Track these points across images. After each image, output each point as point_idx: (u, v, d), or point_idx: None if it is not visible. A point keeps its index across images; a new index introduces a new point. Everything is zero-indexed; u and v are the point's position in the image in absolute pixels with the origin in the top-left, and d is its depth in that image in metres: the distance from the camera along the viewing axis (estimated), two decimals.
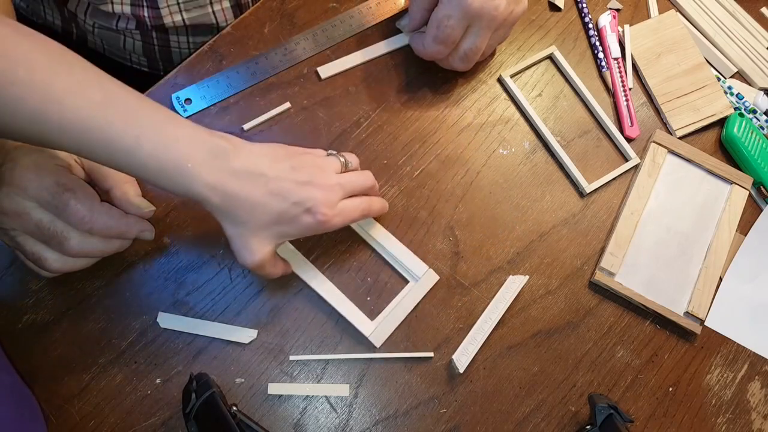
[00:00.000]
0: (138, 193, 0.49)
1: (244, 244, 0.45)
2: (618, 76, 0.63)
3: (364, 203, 0.49)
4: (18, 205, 0.43)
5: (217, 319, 0.51)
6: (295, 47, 0.59)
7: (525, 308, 0.55)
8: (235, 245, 0.45)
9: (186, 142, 0.41)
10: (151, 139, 0.40)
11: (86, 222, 0.44)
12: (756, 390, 0.56)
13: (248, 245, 0.45)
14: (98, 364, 0.49)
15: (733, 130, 0.61)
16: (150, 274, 0.51)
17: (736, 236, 0.59)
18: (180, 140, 0.41)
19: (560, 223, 0.58)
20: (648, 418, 0.53)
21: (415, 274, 0.53)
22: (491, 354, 0.53)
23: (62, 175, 0.44)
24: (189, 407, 0.44)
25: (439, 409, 0.51)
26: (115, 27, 0.66)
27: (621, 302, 0.56)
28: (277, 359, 0.50)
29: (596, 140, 0.61)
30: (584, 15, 0.66)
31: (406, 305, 0.52)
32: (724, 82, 0.65)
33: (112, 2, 0.62)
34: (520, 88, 0.62)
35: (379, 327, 0.51)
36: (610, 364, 0.54)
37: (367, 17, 0.62)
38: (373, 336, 0.51)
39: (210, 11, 0.65)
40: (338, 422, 0.50)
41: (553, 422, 0.52)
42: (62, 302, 0.50)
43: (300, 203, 0.44)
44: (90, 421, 0.47)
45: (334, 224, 0.46)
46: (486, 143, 0.59)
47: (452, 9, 0.52)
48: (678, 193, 0.60)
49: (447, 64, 0.58)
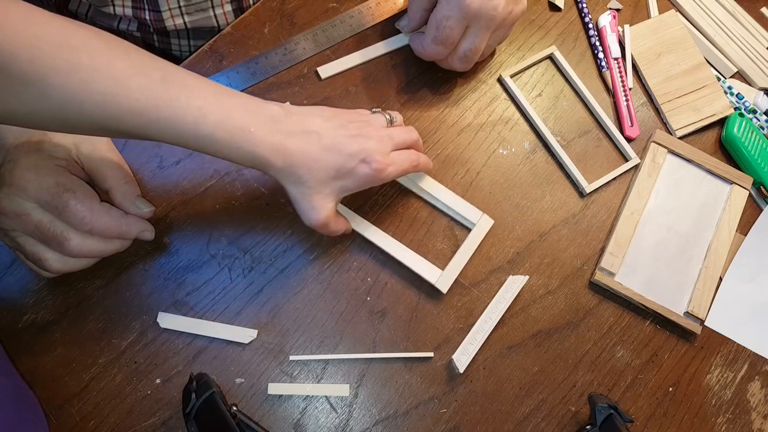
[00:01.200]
0: (138, 194, 0.49)
1: (308, 203, 0.46)
2: (618, 76, 0.63)
3: (413, 155, 0.50)
4: (18, 205, 0.43)
5: (217, 319, 0.51)
6: (295, 47, 0.59)
7: (525, 308, 0.55)
8: (300, 206, 0.47)
9: (244, 109, 0.43)
10: (213, 111, 0.41)
11: (86, 222, 0.44)
12: (756, 390, 0.55)
13: (312, 203, 0.46)
14: (98, 364, 0.49)
15: (733, 130, 0.61)
16: (150, 274, 0.51)
17: (736, 236, 0.59)
18: (239, 108, 0.43)
19: (560, 223, 0.58)
20: (648, 418, 0.53)
21: (470, 221, 0.55)
22: (491, 354, 0.53)
23: (62, 175, 0.44)
24: (189, 407, 0.44)
25: (439, 409, 0.51)
26: (117, 28, 0.66)
27: (621, 302, 0.56)
28: (277, 359, 0.50)
29: (596, 140, 0.61)
30: (584, 15, 0.66)
31: (465, 251, 0.54)
32: (724, 82, 0.65)
33: (113, 4, 0.62)
34: (520, 88, 0.62)
35: (444, 274, 0.53)
36: (610, 364, 0.54)
37: (366, 17, 0.62)
38: (439, 282, 0.52)
39: (212, 14, 0.65)
40: (338, 422, 0.50)
41: (553, 422, 0.52)
42: (62, 302, 0.50)
43: (355, 155, 0.46)
44: (90, 421, 0.47)
45: (389, 173, 0.48)
46: (486, 143, 0.59)
47: (451, 9, 0.52)
48: (678, 193, 0.60)
49: (447, 65, 0.58)
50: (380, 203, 0.56)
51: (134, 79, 0.38)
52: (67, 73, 0.36)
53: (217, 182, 0.55)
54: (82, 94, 0.37)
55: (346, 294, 0.53)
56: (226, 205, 0.54)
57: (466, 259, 0.54)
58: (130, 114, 0.39)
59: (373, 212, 0.55)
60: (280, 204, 0.55)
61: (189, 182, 0.54)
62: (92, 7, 0.65)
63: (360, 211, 0.55)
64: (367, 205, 0.55)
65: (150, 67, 0.40)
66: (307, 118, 0.46)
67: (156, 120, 0.39)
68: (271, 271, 0.53)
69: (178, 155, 0.55)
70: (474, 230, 0.55)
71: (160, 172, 0.54)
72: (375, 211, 0.55)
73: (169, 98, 0.39)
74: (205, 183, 0.54)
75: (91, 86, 0.37)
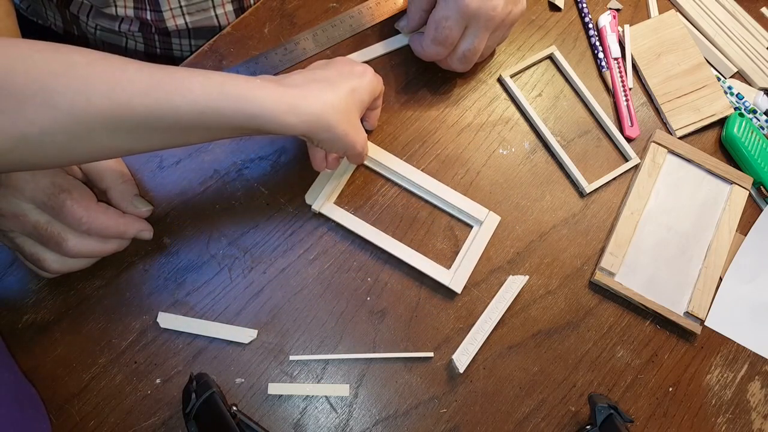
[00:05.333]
0: (135, 193, 0.49)
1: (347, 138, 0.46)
2: (618, 76, 0.63)
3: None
4: (15, 206, 0.43)
5: (217, 319, 0.51)
6: (295, 47, 0.59)
7: (525, 308, 0.55)
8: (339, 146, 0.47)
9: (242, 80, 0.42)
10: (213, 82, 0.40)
11: (83, 223, 0.44)
12: (756, 390, 0.55)
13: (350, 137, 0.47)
14: (98, 364, 0.49)
15: (733, 130, 0.61)
16: (150, 274, 0.51)
17: (736, 236, 0.59)
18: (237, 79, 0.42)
19: (560, 223, 0.58)
20: (648, 418, 0.53)
21: (476, 219, 0.55)
22: (491, 354, 0.53)
23: (58, 175, 0.44)
24: (189, 407, 0.44)
25: (439, 409, 0.51)
26: (118, 29, 0.66)
27: (621, 302, 0.56)
28: (277, 359, 0.50)
29: (596, 140, 0.61)
30: (584, 15, 0.66)
31: (475, 250, 0.54)
32: (724, 82, 0.65)
33: (115, 5, 0.62)
34: (520, 88, 0.62)
35: (456, 274, 0.53)
36: (610, 364, 0.54)
37: (366, 17, 0.62)
38: (452, 283, 0.53)
39: (213, 14, 0.65)
40: (338, 422, 0.50)
41: (553, 422, 0.52)
42: (62, 302, 0.50)
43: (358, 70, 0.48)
44: (90, 421, 0.47)
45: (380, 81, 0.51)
46: (486, 143, 0.59)
47: (450, 10, 0.52)
48: (678, 193, 0.60)
49: (446, 65, 0.58)
50: (380, 203, 0.56)
51: (130, 65, 0.38)
52: (66, 74, 0.36)
53: (217, 182, 0.55)
54: (86, 89, 0.36)
55: (346, 294, 0.53)
56: (226, 205, 0.54)
57: (476, 259, 0.54)
58: (138, 94, 0.38)
59: (373, 212, 0.55)
60: (280, 204, 0.55)
61: (189, 182, 0.54)
62: (93, 8, 0.65)
63: (360, 211, 0.55)
64: (367, 205, 0.55)
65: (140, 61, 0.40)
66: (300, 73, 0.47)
67: (164, 94, 0.38)
68: (271, 271, 0.53)
69: (178, 155, 0.55)
70: (482, 228, 0.55)
71: (160, 172, 0.54)
72: (375, 211, 0.55)
73: (168, 73, 0.39)
74: (205, 183, 0.54)
75: (92, 78, 0.36)
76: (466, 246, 0.55)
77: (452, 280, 0.53)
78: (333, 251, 0.54)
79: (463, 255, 0.54)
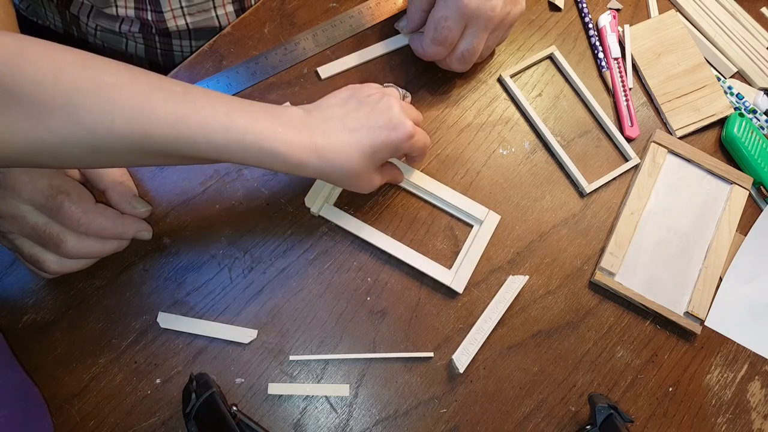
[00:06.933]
0: (134, 193, 0.49)
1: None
2: (618, 76, 0.63)
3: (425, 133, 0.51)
4: (13, 208, 0.43)
5: (217, 319, 0.51)
6: (295, 47, 0.59)
7: (525, 308, 0.55)
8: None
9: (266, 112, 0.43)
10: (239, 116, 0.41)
11: (81, 224, 0.44)
12: (756, 390, 0.55)
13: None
14: (98, 364, 0.49)
15: (733, 130, 0.61)
16: (150, 274, 0.52)
17: (736, 236, 0.59)
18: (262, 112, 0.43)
19: (560, 223, 0.58)
20: (648, 418, 0.53)
21: (476, 218, 0.55)
22: (491, 354, 0.53)
23: (56, 177, 0.44)
24: (189, 407, 0.44)
25: (439, 409, 0.51)
26: (119, 30, 0.66)
27: (621, 302, 0.56)
28: (277, 359, 0.50)
29: (596, 140, 0.61)
30: (584, 15, 0.66)
31: (476, 249, 0.54)
32: (724, 82, 0.65)
33: (116, 5, 0.62)
34: (520, 88, 0.62)
35: (457, 274, 0.53)
36: (610, 364, 0.54)
37: (366, 17, 0.62)
38: (454, 283, 0.53)
39: (213, 15, 0.65)
40: (338, 422, 0.50)
41: (553, 422, 0.52)
42: (62, 302, 0.50)
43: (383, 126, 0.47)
44: (90, 421, 0.47)
45: (418, 139, 0.49)
46: (486, 143, 0.59)
47: (449, 10, 0.52)
48: (678, 193, 0.60)
49: (446, 65, 0.58)
50: (380, 203, 0.56)
51: (159, 93, 0.38)
52: (94, 93, 0.36)
53: (217, 182, 0.55)
54: (112, 111, 0.37)
55: (346, 294, 0.53)
56: (226, 205, 0.54)
57: (477, 258, 0.54)
58: (161, 126, 0.38)
59: (373, 212, 0.55)
60: (280, 204, 0.55)
61: (189, 182, 0.54)
62: (94, 8, 0.65)
63: (360, 212, 0.55)
64: (367, 205, 0.55)
65: (170, 83, 0.40)
66: (326, 110, 0.47)
67: (186, 129, 0.39)
68: (271, 271, 0.53)
69: None
70: (482, 227, 0.55)
71: (160, 173, 0.54)
72: (375, 211, 0.55)
73: (195, 108, 0.39)
74: (205, 183, 0.54)
75: (119, 102, 0.37)
76: (467, 246, 0.55)
77: (454, 280, 0.53)
78: (333, 251, 0.54)
79: (464, 255, 0.54)
